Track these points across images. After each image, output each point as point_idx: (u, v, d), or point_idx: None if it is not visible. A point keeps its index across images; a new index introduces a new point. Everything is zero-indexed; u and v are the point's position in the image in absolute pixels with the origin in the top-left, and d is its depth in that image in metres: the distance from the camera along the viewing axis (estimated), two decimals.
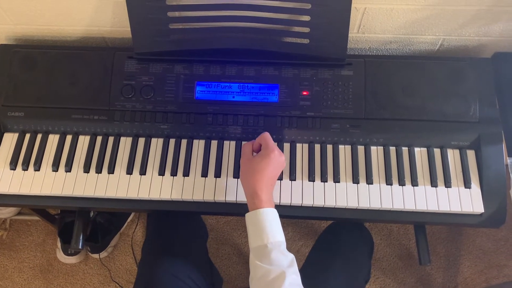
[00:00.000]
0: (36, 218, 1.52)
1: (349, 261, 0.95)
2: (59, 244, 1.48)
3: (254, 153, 0.85)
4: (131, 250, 1.51)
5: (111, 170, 0.92)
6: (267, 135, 0.83)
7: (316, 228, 1.53)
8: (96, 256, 1.47)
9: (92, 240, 1.41)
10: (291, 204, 0.89)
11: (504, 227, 1.50)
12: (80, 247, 0.97)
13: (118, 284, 1.46)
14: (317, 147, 0.93)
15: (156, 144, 0.94)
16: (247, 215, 0.78)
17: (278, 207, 0.82)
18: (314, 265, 0.96)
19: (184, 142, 0.94)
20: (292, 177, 0.90)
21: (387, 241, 1.51)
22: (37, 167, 0.92)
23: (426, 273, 1.46)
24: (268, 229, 0.74)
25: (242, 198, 0.89)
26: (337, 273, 0.91)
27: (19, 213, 1.54)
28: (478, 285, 1.45)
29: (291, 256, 0.73)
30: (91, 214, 1.46)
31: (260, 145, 0.83)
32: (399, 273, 1.47)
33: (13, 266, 1.49)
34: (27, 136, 0.96)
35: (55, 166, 0.92)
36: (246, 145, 0.84)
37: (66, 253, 1.46)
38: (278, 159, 0.80)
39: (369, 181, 0.90)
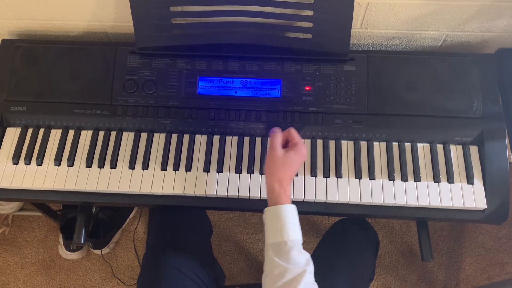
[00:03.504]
0: (38, 214, 1.53)
1: (354, 260, 0.95)
2: (61, 240, 1.48)
3: None
4: (133, 246, 1.51)
5: (113, 165, 0.92)
6: (294, 131, 0.82)
7: (318, 225, 1.53)
8: (98, 252, 1.48)
9: (94, 236, 1.42)
10: (293, 200, 0.88)
11: (507, 225, 1.50)
12: (82, 241, 0.98)
13: (120, 280, 1.46)
14: (320, 142, 0.93)
15: (159, 139, 0.94)
16: (266, 209, 0.76)
17: None
18: (319, 263, 0.95)
19: (186, 137, 0.94)
20: None
21: (389, 238, 1.51)
22: (40, 162, 0.93)
23: (428, 270, 1.46)
24: (288, 226, 0.72)
25: (244, 193, 0.89)
26: (342, 271, 0.91)
27: (21, 209, 1.54)
28: (480, 282, 1.45)
29: (307, 255, 0.72)
30: (93, 210, 1.46)
31: (286, 140, 0.82)
32: (401, 270, 1.47)
33: (15, 262, 1.50)
34: (30, 130, 0.96)
35: (58, 161, 0.92)
36: (277, 137, 0.81)
37: (68, 249, 1.46)
38: (305, 156, 0.81)
39: (372, 176, 0.89)
